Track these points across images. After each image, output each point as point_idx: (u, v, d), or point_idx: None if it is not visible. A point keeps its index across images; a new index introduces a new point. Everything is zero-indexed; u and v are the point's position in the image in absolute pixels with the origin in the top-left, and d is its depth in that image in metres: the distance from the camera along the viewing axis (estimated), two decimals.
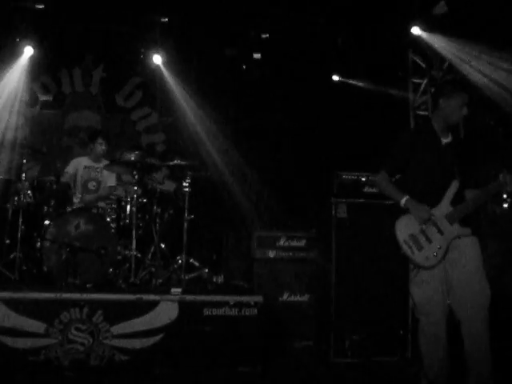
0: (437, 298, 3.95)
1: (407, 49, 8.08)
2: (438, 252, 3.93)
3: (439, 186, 4.00)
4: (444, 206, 3.97)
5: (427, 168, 4.06)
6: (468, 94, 4.02)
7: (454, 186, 3.97)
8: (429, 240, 3.94)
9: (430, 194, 4.01)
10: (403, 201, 4.03)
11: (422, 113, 8.05)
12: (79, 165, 6.65)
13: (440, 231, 3.95)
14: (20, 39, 7.82)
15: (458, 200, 3.97)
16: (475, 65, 6.86)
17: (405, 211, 4.04)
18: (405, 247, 3.96)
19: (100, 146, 6.71)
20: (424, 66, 8.06)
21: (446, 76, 7.88)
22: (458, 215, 3.94)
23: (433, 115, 4.19)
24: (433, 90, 8.00)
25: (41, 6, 7.51)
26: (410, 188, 4.12)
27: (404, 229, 4.00)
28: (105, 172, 6.69)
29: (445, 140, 4.10)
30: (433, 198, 3.99)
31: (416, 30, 7.60)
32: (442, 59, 7.66)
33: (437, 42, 7.50)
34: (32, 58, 7.99)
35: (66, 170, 6.60)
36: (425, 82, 8.08)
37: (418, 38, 7.67)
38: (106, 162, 6.70)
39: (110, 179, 6.79)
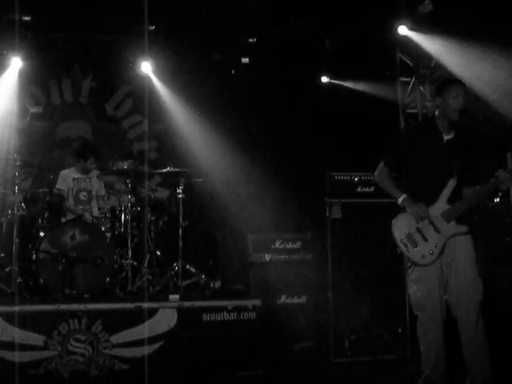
0: (433, 294, 3.97)
1: (395, 48, 8.10)
2: (433, 250, 3.95)
3: (437, 183, 4.01)
4: (440, 204, 3.99)
5: (425, 165, 4.05)
6: (461, 86, 3.99)
7: (452, 184, 3.98)
8: (425, 238, 3.97)
9: (428, 191, 4.02)
10: (400, 199, 4.06)
11: (411, 111, 8.05)
12: (67, 178, 6.59)
13: (436, 229, 3.97)
14: (7, 52, 7.79)
15: (455, 198, 3.98)
16: (461, 62, 6.87)
17: (402, 209, 4.06)
18: (401, 245, 3.99)
19: (91, 165, 6.69)
20: (412, 64, 8.10)
21: (433, 74, 7.94)
22: (454, 213, 3.95)
23: (437, 114, 4.13)
24: (421, 88, 8.07)
25: (27, 18, 7.49)
26: (408, 184, 4.13)
27: (401, 227, 4.02)
28: (94, 181, 6.67)
29: (447, 137, 4.08)
30: (430, 196, 4.00)
31: (403, 30, 7.64)
32: (429, 57, 7.69)
33: (423, 40, 7.54)
34: (21, 70, 7.95)
35: (57, 186, 6.46)
36: (413, 80, 8.11)
37: (404, 38, 7.71)
38: (94, 172, 6.70)
39: (100, 188, 6.77)
